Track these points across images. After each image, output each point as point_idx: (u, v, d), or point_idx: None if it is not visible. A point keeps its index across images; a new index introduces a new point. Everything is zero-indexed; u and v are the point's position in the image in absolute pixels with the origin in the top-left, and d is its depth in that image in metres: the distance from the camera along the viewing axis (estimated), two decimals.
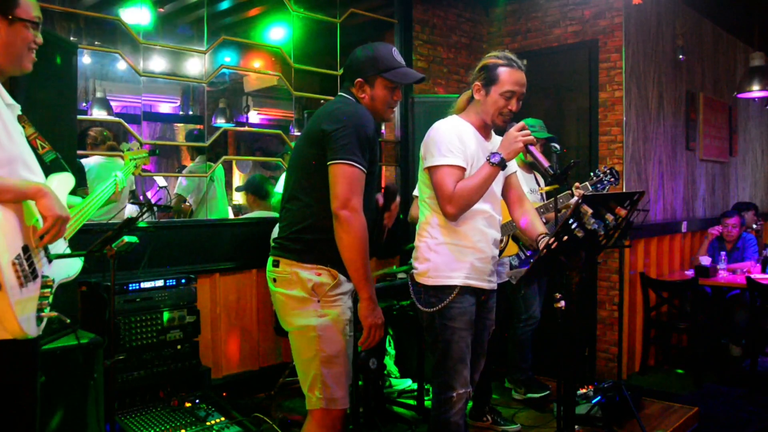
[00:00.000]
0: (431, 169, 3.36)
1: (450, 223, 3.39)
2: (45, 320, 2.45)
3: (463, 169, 3.32)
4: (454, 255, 3.39)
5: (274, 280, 3.07)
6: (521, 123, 3.33)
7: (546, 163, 3.26)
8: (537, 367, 5.65)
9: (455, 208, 3.28)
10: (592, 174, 4.87)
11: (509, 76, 3.34)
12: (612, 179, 4.81)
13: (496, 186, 3.51)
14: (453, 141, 3.33)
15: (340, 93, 3.19)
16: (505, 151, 3.27)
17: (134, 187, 6.84)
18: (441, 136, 3.37)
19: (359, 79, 3.10)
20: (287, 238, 3.04)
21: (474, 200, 3.30)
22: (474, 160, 3.36)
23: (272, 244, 3.13)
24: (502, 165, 3.27)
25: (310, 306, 2.97)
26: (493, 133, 3.58)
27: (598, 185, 4.81)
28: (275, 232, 3.21)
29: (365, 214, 2.94)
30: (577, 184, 4.84)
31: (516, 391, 5.49)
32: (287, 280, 3.01)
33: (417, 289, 3.47)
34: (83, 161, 5.95)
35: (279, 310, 3.11)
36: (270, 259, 3.10)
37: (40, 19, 2.47)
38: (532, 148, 3.28)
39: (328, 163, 2.88)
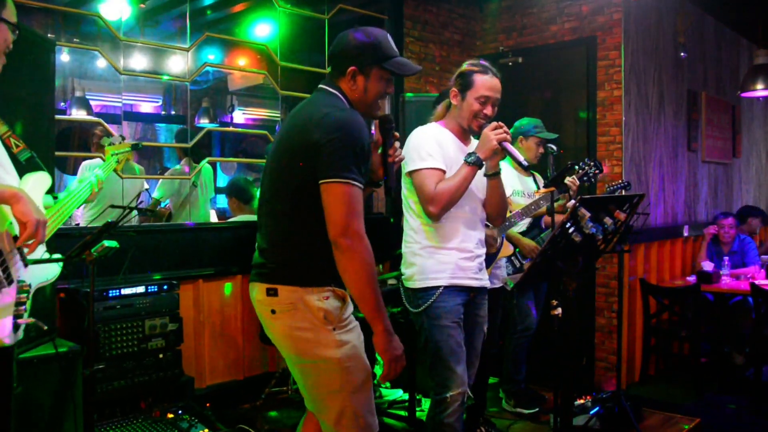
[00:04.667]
0: (412, 174, 3.60)
1: (432, 226, 3.60)
2: (23, 327, 2.45)
3: (443, 172, 3.56)
4: (437, 257, 3.60)
5: (273, 311, 2.79)
6: (495, 122, 3.55)
7: (520, 158, 3.52)
8: (533, 376, 5.67)
9: (437, 207, 3.50)
10: (577, 167, 4.95)
11: (483, 82, 3.60)
12: (597, 171, 4.91)
13: (478, 189, 3.71)
14: (432, 145, 3.59)
15: (323, 86, 2.96)
16: (481, 150, 3.51)
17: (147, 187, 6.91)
18: (420, 141, 3.63)
19: (353, 68, 2.86)
20: (283, 263, 2.81)
21: (454, 200, 3.51)
22: (453, 164, 3.58)
23: (259, 270, 2.89)
24: (478, 164, 3.50)
25: (326, 336, 2.76)
26: (472, 138, 3.82)
27: (584, 177, 4.90)
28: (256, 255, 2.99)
29: None
30: (569, 179, 4.89)
31: (507, 402, 5.53)
32: (293, 311, 2.76)
33: (407, 293, 3.70)
34: (88, 162, 5.98)
35: (287, 345, 2.86)
36: (259, 287, 2.84)
37: (17, 25, 2.49)
38: (506, 144, 3.50)
39: (321, 181, 2.66)
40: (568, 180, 4.85)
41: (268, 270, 2.83)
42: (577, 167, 4.99)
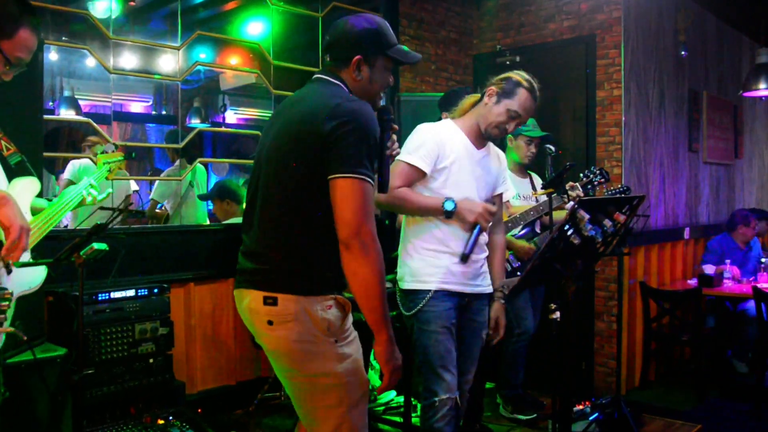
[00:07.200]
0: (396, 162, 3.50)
1: (427, 228, 3.59)
2: (2, 336, 2.44)
3: (421, 173, 3.55)
4: (429, 259, 3.59)
5: (271, 322, 2.58)
6: (492, 208, 3.59)
7: (468, 252, 3.54)
8: (531, 381, 5.68)
9: (383, 200, 3.55)
10: (581, 175, 4.97)
11: (524, 100, 3.57)
12: (602, 179, 4.93)
13: (483, 195, 3.71)
14: (427, 142, 3.56)
15: (321, 75, 2.82)
16: (461, 213, 3.52)
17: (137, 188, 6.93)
18: (417, 135, 3.62)
19: (358, 57, 2.70)
20: (285, 270, 2.60)
21: (402, 212, 3.68)
22: (454, 167, 3.57)
23: (251, 276, 2.69)
24: (447, 216, 3.51)
25: (327, 349, 2.60)
26: (489, 144, 3.79)
27: (588, 186, 4.92)
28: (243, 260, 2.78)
29: None
30: (571, 183, 4.92)
31: (504, 408, 5.53)
32: (295, 322, 2.55)
33: (400, 294, 3.71)
34: (77, 162, 5.98)
35: (284, 357, 2.66)
36: (253, 295, 2.63)
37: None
38: (477, 231, 3.55)
39: (332, 176, 2.48)
40: (572, 192, 4.86)
41: (265, 277, 2.63)
42: (581, 175, 5.01)
